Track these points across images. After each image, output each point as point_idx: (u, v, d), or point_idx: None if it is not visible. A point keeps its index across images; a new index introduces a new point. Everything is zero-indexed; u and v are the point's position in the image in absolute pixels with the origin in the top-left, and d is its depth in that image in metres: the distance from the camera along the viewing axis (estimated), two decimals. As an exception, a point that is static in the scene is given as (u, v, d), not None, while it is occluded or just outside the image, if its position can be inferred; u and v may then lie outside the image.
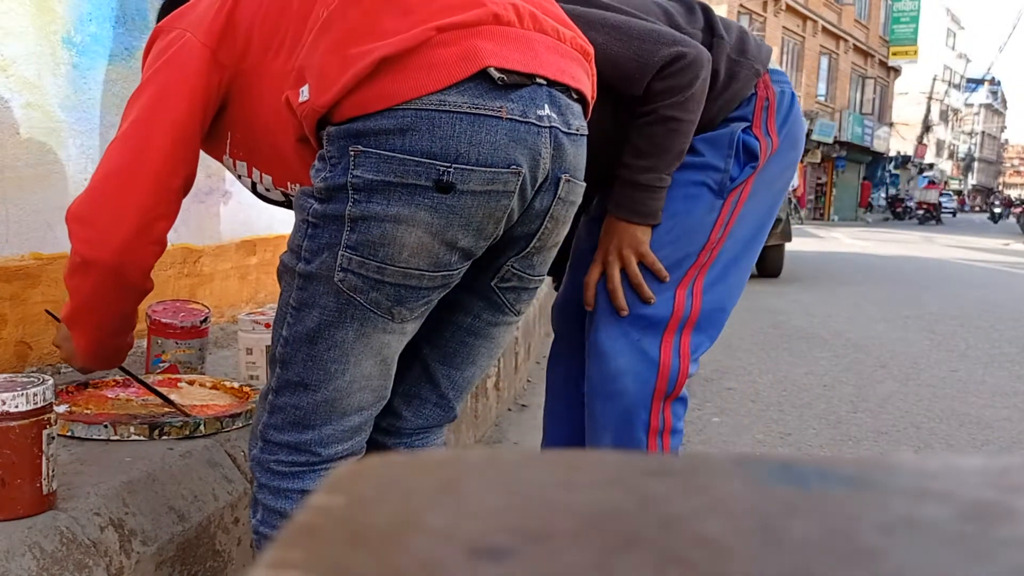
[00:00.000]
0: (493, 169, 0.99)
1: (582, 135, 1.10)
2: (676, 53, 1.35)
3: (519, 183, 1.02)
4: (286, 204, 1.25)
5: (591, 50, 1.15)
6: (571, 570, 0.20)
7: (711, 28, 1.50)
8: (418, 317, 1.09)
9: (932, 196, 26.30)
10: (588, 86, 1.12)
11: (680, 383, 1.46)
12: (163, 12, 1.27)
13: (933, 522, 0.22)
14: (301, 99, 1.02)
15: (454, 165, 0.97)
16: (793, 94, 1.57)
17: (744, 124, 1.48)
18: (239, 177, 1.25)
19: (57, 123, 1.74)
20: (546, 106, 1.02)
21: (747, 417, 2.93)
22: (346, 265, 1.01)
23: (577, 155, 1.09)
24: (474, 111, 0.97)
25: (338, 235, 1.01)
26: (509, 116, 0.99)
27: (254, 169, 1.20)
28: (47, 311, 1.47)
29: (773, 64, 1.57)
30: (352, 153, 0.98)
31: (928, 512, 0.23)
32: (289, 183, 1.18)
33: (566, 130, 1.05)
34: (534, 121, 1.01)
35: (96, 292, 1.20)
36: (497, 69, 0.98)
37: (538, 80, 1.02)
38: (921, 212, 25.99)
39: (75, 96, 1.78)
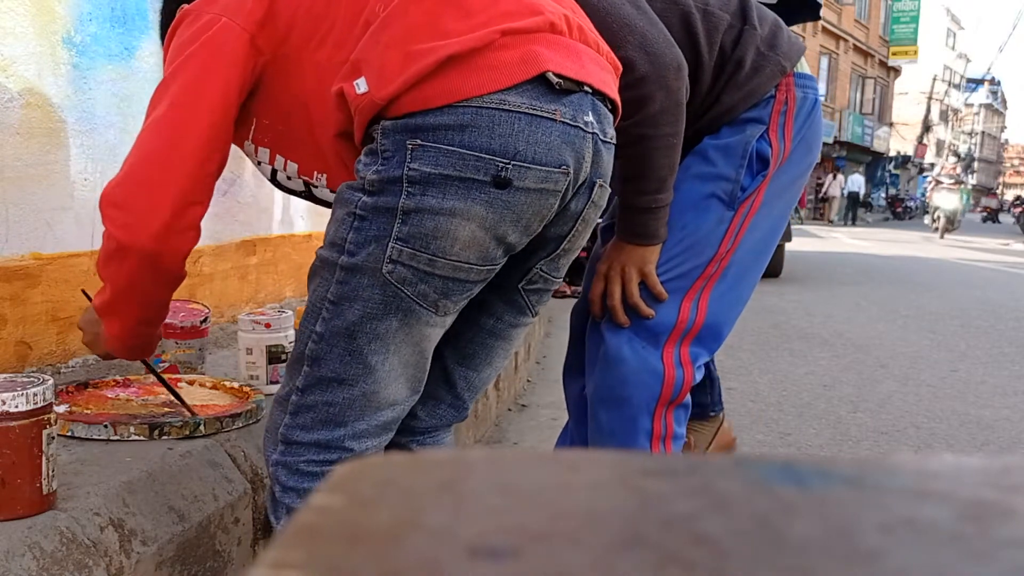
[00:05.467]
0: (547, 168, 1.03)
1: (614, 143, 1.14)
2: (628, 59, 1.28)
3: (567, 183, 1.06)
4: (304, 194, 1.26)
5: (620, 67, 1.19)
6: (571, 570, 0.20)
7: (744, 15, 1.47)
8: (456, 311, 1.11)
9: (994, 203, 30.46)
10: (618, 97, 1.16)
11: (684, 391, 1.46)
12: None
13: (933, 522, 0.22)
14: (359, 91, 1.03)
15: (512, 162, 1.01)
16: (816, 99, 1.53)
17: (760, 129, 1.46)
18: (258, 164, 1.25)
19: (57, 123, 1.74)
20: (590, 113, 1.07)
21: (747, 417, 2.93)
22: (396, 257, 1.02)
23: (609, 162, 1.14)
24: (532, 112, 1.01)
25: (388, 227, 1.02)
26: (562, 119, 1.03)
27: (278, 156, 1.21)
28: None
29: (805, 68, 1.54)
30: (410, 147, 1.00)
31: (928, 512, 0.23)
32: (316, 172, 1.19)
33: (603, 137, 1.10)
34: (582, 126, 1.05)
35: (133, 279, 1.18)
36: (555, 74, 1.02)
37: (585, 88, 1.06)
38: (985, 214, 29.10)
39: (75, 96, 1.78)
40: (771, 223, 1.51)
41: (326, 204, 1.23)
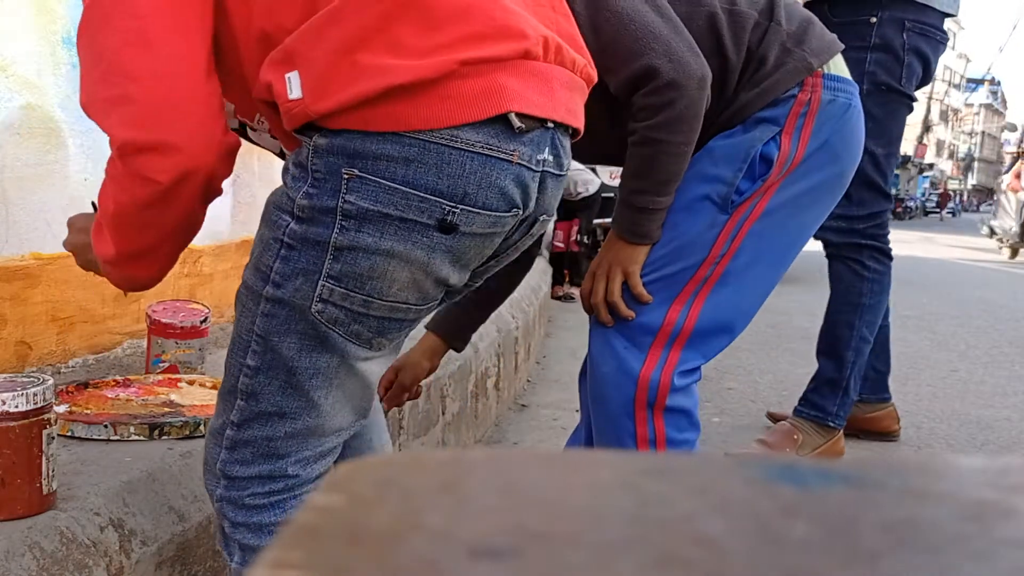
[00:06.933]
0: (497, 214, 0.95)
1: (566, 173, 1.06)
2: (654, 67, 1.28)
3: (515, 223, 0.99)
4: (239, 132, 1.11)
5: (595, 77, 1.09)
6: (571, 570, 0.20)
7: (771, 11, 1.43)
8: (396, 345, 1.05)
9: None
10: (583, 119, 1.06)
11: (661, 394, 1.41)
12: None
13: (934, 522, 0.22)
14: (292, 95, 0.90)
15: (460, 206, 0.91)
16: (850, 104, 1.45)
17: (773, 131, 1.40)
18: None
19: (57, 123, 1.74)
20: (547, 151, 0.97)
21: (747, 417, 2.93)
22: (326, 296, 0.93)
23: (556, 194, 1.05)
24: (487, 152, 0.91)
25: (318, 262, 0.92)
26: (519, 161, 0.94)
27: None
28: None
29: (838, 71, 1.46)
30: (346, 176, 0.89)
31: (929, 512, 0.23)
32: (257, 116, 1.06)
33: (556, 171, 1.01)
34: (534, 166, 0.96)
35: (184, 216, 1.00)
36: (518, 115, 0.92)
37: (547, 124, 0.96)
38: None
39: (75, 96, 1.78)
40: (785, 235, 1.45)
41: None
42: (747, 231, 1.41)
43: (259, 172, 2.43)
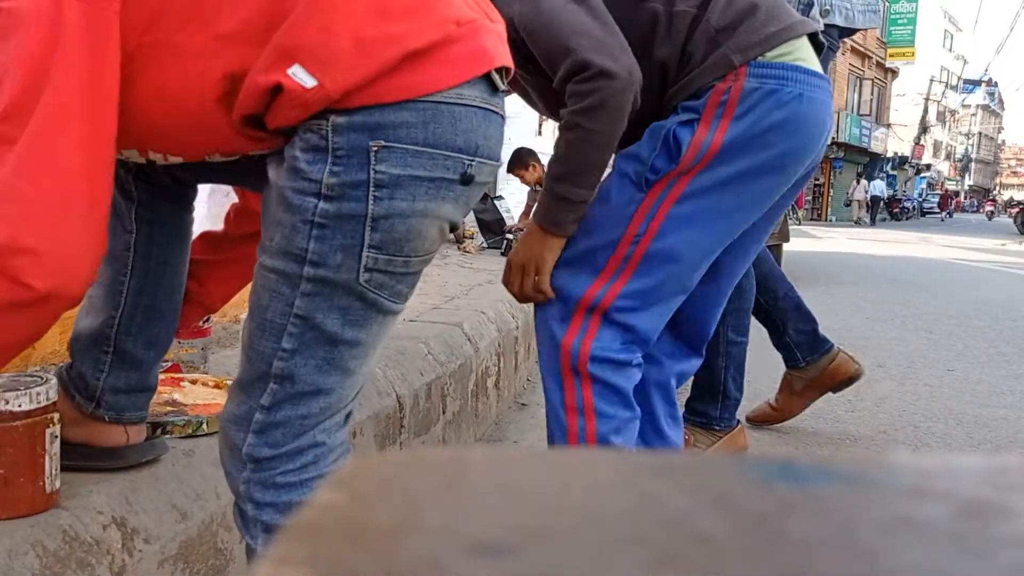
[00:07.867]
0: (495, 162, 1.05)
1: None
2: (586, 59, 1.34)
3: None
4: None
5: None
6: (570, 568, 0.20)
7: (707, 2, 1.42)
8: None
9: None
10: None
11: (582, 361, 1.46)
12: None
13: (931, 521, 0.22)
14: (308, 85, 0.91)
15: (475, 158, 1.01)
16: (782, 89, 1.37)
17: (691, 116, 1.41)
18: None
19: (56, 122, 1.74)
20: (504, 101, 1.08)
21: (741, 418, 2.93)
22: (372, 265, 0.99)
23: None
24: (485, 106, 1.01)
25: (357, 235, 0.97)
26: (501, 112, 1.05)
27: (151, 152, 1.05)
28: None
29: (805, 63, 1.41)
30: (373, 148, 0.95)
31: (926, 511, 0.23)
32: (205, 155, 1.06)
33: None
34: (504, 117, 1.06)
35: (40, 330, 0.97)
36: (496, 71, 1.02)
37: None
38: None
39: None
40: (712, 222, 1.44)
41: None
42: (666, 213, 1.43)
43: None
